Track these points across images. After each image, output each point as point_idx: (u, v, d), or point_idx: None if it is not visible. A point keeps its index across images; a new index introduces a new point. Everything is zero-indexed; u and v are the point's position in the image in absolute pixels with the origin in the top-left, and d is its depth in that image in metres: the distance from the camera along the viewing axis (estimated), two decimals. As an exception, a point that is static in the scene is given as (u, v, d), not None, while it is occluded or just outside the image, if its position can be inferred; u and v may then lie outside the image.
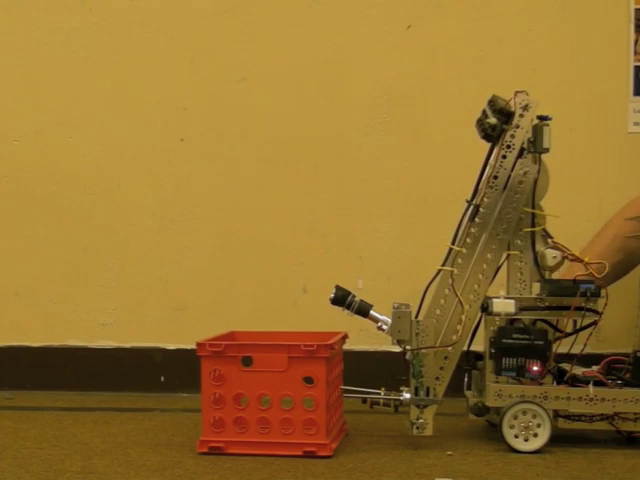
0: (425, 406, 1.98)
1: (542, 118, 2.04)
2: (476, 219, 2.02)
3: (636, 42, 2.61)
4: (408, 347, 1.97)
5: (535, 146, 2.04)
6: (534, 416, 1.95)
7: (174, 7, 2.67)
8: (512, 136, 2.02)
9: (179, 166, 2.66)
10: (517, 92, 2.04)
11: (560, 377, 2.01)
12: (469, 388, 2.09)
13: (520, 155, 2.02)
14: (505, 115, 2.02)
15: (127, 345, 2.66)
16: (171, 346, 2.65)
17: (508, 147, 2.02)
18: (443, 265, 2.02)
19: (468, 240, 2.02)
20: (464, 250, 2.02)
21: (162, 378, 2.64)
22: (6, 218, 2.67)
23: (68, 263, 2.66)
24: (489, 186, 2.02)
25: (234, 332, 2.11)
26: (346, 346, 2.12)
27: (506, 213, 2.02)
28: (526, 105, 2.03)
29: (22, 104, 2.67)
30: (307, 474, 1.75)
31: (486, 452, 1.93)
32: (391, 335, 1.98)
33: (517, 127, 2.02)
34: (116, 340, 2.68)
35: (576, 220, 2.62)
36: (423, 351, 1.97)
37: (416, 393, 1.97)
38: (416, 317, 2.00)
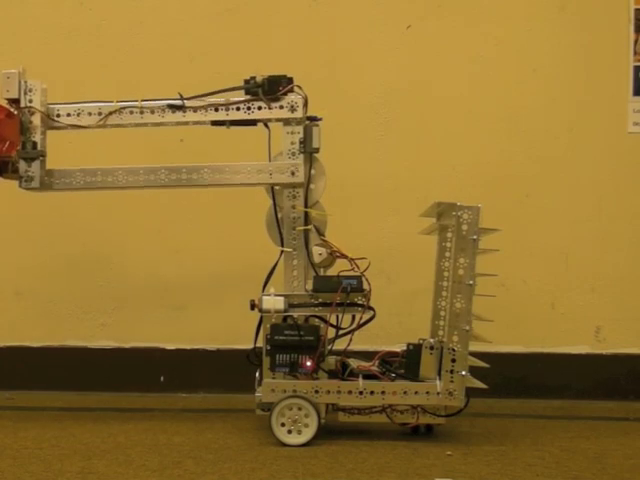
0: (33, 159, 2.09)
1: (312, 119, 2.09)
2: None
3: (636, 42, 2.61)
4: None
5: (306, 146, 2.07)
6: (302, 410, 1.97)
7: (174, 7, 2.67)
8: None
9: (179, 166, 2.65)
10: None
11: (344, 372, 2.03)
12: (260, 384, 2.07)
13: None
14: None
15: (127, 345, 2.66)
16: (171, 346, 2.65)
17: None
18: None
19: None
20: None
21: (162, 378, 2.64)
22: (6, 218, 2.67)
23: (68, 263, 2.66)
24: None
25: None
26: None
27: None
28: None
29: (22, 104, 2.66)
30: (307, 474, 1.75)
31: (486, 452, 1.93)
32: (1, 94, 2.09)
33: None
34: (116, 340, 2.68)
35: (576, 220, 2.62)
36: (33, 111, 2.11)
37: (23, 147, 2.08)
38: None
